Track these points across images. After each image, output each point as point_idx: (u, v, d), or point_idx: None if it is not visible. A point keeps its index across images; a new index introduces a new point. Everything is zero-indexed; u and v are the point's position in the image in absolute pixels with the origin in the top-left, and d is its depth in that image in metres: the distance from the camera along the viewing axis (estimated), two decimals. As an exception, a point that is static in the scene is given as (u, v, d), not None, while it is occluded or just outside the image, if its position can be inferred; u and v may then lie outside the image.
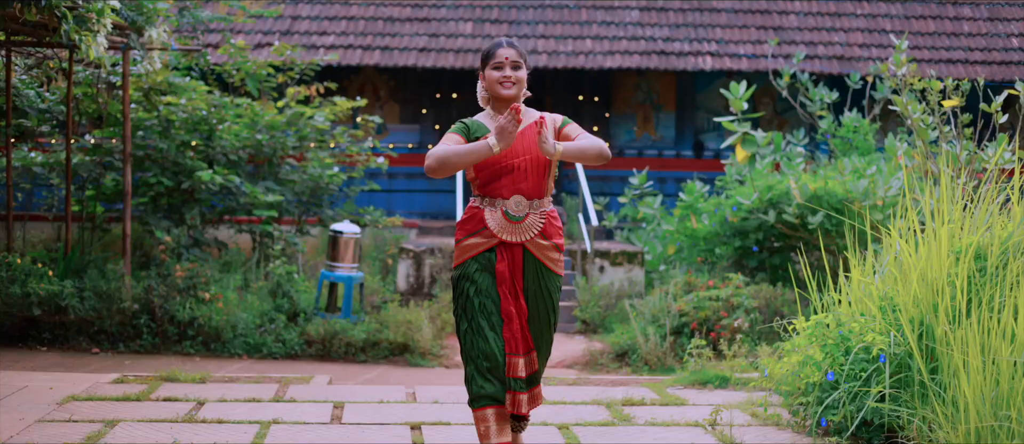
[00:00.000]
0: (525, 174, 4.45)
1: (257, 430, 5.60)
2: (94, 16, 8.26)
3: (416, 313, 10.30)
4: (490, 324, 4.43)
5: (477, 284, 4.45)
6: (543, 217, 4.49)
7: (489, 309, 4.44)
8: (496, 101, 4.53)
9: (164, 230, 10.84)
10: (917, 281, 5.43)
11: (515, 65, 4.47)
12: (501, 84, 4.46)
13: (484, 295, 4.44)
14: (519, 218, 4.44)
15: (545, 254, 4.50)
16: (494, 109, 4.55)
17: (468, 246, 4.49)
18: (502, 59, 4.46)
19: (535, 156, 4.45)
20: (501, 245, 4.46)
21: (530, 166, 4.45)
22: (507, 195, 4.44)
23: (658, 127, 17.29)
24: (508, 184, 4.44)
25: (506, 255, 4.46)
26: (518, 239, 4.45)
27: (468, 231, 4.51)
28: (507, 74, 4.46)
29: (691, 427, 5.88)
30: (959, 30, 16.85)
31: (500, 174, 4.44)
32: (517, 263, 4.47)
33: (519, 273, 4.48)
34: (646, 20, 16.90)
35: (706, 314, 9.70)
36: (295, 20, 16.59)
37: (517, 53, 4.50)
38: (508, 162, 4.42)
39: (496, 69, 4.48)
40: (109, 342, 9.81)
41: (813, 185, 10.23)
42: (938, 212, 5.62)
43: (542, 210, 4.49)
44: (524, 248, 4.47)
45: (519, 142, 4.45)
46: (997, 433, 4.58)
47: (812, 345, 5.75)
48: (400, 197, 16.61)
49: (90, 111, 11.50)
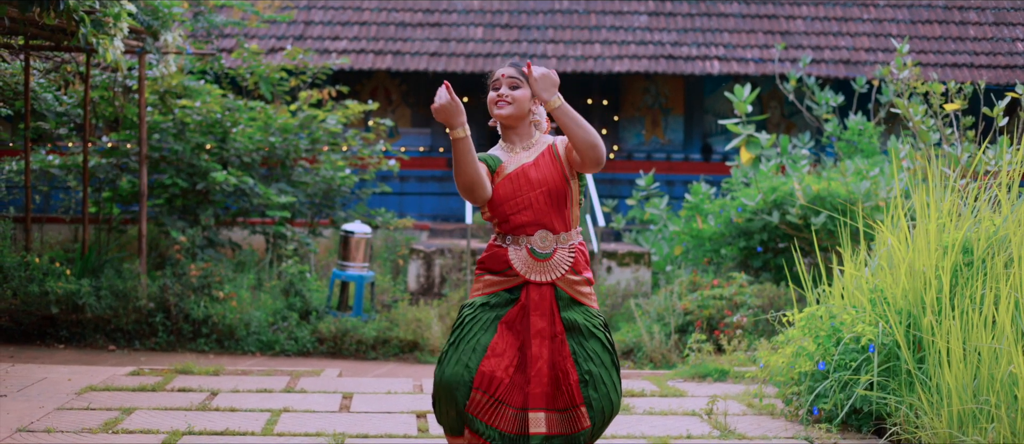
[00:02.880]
0: (546, 207, 4.13)
1: (268, 418, 5.81)
2: (111, 20, 8.49)
3: (425, 312, 10.51)
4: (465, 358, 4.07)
5: (477, 316, 4.14)
6: (572, 252, 4.16)
7: (478, 342, 4.08)
8: (505, 128, 4.23)
9: (179, 231, 11.07)
10: (906, 274, 5.61)
11: (512, 85, 4.15)
12: (496, 103, 4.16)
13: (481, 329, 4.11)
14: (546, 255, 4.13)
15: (577, 289, 4.17)
16: (507, 139, 4.25)
17: (488, 282, 4.19)
18: (498, 77, 4.19)
19: (552, 187, 4.13)
20: (527, 285, 4.13)
21: (549, 197, 4.13)
22: (531, 231, 4.12)
23: (667, 130, 17.47)
24: (531, 220, 4.12)
25: (535, 295, 4.12)
26: (547, 278, 4.13)
27: (490, 269, 4.20)
28: (502, 93, 4.15)
29: (688, 417, 6.07)
30: (965, 34, 17.00)
31: (519, 210, 4.13)
32: (546, 303, 4.12)
33: (549, 314, 4.12)
34: (654, 25, 17.09)
35: (710, 312, 9.87)
36: (308, 25, 16.83)
37: (515, 72, 4.17)
38: (522, 198, 4.12)
39: (493, 89, 4.19)
40: (125, 340, 10.03)
41: (816, 187, 10.39)
42: (927, 209, 5.80)
43: (570, 244, 4.17)
44: (555, 287, 4.14)
45: (533, 173, 4.15)
46: (977, 417, 4.76)
47: (805, 337, 5.94)
48: (411, 200, 16.84)
49: (107, 114, 11.74)
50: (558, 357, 4.09)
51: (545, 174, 4.13)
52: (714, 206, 11.53)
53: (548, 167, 4.15)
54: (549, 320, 4.11)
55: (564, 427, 4.08)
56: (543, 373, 4.08)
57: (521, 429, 4.07)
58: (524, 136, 4.22)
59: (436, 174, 16.95)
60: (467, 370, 4.04)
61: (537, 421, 4.06)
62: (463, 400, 4.03)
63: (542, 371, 4.08)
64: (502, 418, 4.05)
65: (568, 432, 4.07)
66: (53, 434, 5.32)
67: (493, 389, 4.04)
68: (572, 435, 4.08)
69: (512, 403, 4.07)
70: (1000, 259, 5.30)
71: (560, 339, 4.11)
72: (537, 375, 4.07)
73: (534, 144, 4.21)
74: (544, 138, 4.26)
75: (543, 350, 4.09)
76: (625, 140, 17.37)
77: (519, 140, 4.21)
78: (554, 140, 4.23)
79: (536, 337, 4.09)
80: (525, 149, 4.20)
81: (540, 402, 4.07)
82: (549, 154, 4.18)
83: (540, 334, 4.10)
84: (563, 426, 4.08)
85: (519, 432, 4.07)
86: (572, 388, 4.07)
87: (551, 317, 4.12)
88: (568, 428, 4.08)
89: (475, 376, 4.03)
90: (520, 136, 4.21)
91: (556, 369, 4.09)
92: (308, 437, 5.40)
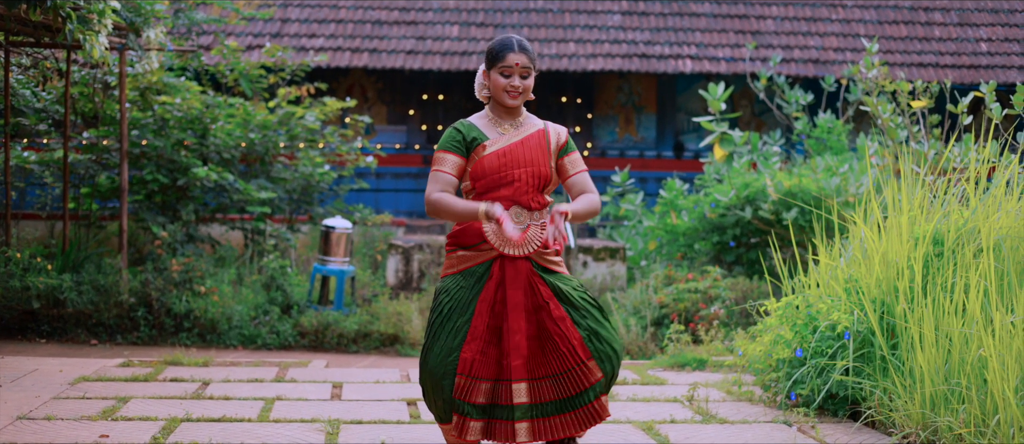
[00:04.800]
0: (525, 187, 4.20)
1: (263, 405, 5.96)
2: (95, 17, 8.58)
3: (406, 305, 10.66)
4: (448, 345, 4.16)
5: (454, 299, 4.21)
6: (543, 229, 4.23)
7: (458, 327, 4.17)
8: (497, 104, 4.29)
9: (160, 226, 11.15)
10: (879, 264, 5.84)
11: (524, 73, 4.19)
12: (507, 92, 4.19)
13: (458, 313, 4.19)
14: (520, 230, 4.20)
15: (548, 259, 4.27)
16: (492, 111, 4.30)
17: (461, 257, 4.27)
18: (511, 64, 4.17)
19: (536, 169, 4.21)
20: (500, 259, 4.21)
21: (530, 179, 4.21)
22: (507, 207, 4.19)
23: (639, 128, 17.70)
24: (507, 196, 4.20)
25: (510, 270, 4.20)
26: (521, 252, 4.21)
27: (462, 243, 4.27)
28: (515, 84, 4.19)
29: (670, 403, 6.27)
30: (930, 35, 17.34)
31: (499, 185, 4.21)
32: (523, 277, 4.20)
33: (527, 286, 4.20)
34: (628, 24, 17.31)
35: (685, 306, 10.08)
36: (285, 22, 16.94)
37: (528, 59, 4.20)
38: (507, 174, 4.19)
39: (504, 75, 4.19)
40: (107, 334, 10.11)
41: (788, 183, 10.64)
42: (900, 203, 6.03)
43: (542, 222, 4.25)
44: (529, 260, 4.23)
45: (519, 152, 4.23)
46: (949, 399, 4.98)
47: (783, 325, 6.15)
48: (387, 196, 16.98)
49: (86, 111, 11.79)
50: (549, 324, 4.17)
51: (533, 156, 4.23)
52: (688, 202, 11.76)
53: (536, 150, 4.25)
54: (527, 293, 4.19)
55: (561, 390, 4.17)
56: (521, 345, 4.14)
57: (494, 398, 4.16)
58: (515, 115, 4.32)
59: (412, 171, 17.09)
60: (450, 359, 4.13)
61: (519, 391, 4.13)
62: (450, 389, 4.12)
63: (520, 343, 4.14)
64: (477, 392, 4.14)
65: (571, 392, 4.16)
66: (53, 421, 5.44)
67: (476, 371, 4.14)
68: (580, 392, 4.17)
69: (485, 376, 4.15)
70: (969, 249, 5.53)
71: (549, 307, 4.18)
72: (516, 348, 4.14)
73: (522, 123, 4.30)
74: (532, 119, 4.36)
75: (520, 323, 4.16)
76: (599, 138, 17.58)
77: (508, 118, 4.31)
78: (546, 126, 4.32)
79: (513, 310, 4.16)
80: (514, 127, 4.29)
81: (521, 373, 4.14)
82: (540, 137, 4.26)
83: (517, 307, 4.16)
84: (559, 390, 4.17)
85: (491, 401, 4.16)
86: (575, 348, 4.16)
87: (529, 290, 4.20)
88: (569, 389, 4.16)
89: (458, 363, 4.12)
90: (512, 116, 4.31)
91: (544, 337, 4.17)
92: (304, 423, 5.55)
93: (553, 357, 4.17)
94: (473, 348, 4.13)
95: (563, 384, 4.17)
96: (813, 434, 5.45)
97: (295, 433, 5.30)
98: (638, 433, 5.47)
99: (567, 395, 4.17)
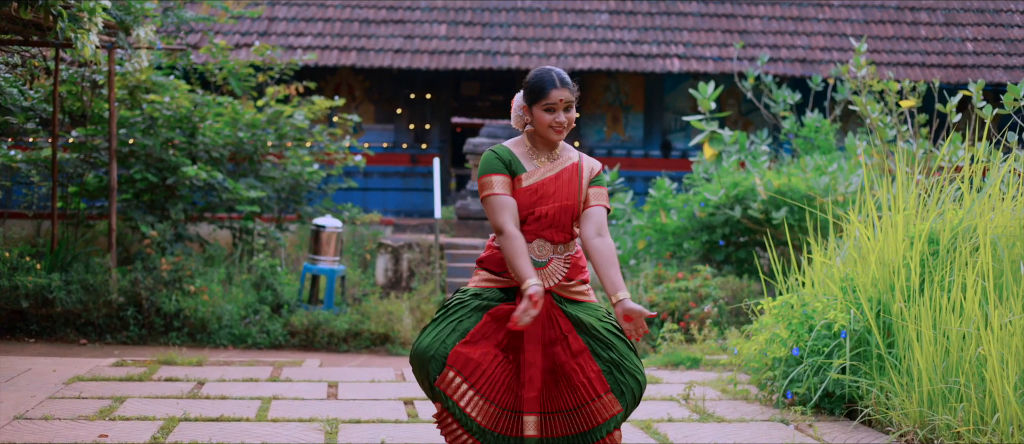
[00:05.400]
0: (551, 221, 4.10)
1: (260, 405, 5.95)
2: (86, 15, 8.55)
3: (397, 305, 10.66)
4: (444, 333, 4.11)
5: (464, 303, 4.16)
6: (567, 262, 4.13)
7: (459, 320, 4.11)
8: (538, 136, 4.16)
9: (149, 225, 11.11)
10: (875, 263, 5.87)
11: (567, 106, 4.09)
12: (553, 128, 4.09)
13: (464, 313, 4.13)
14: (541, 264, 4.10)
15: (572, 291, 4.14)
16: (530, 140, 4.18)
17: (484, 278, 4.20)
18: (555, 102, 4.07)
19: (564, 204, 4.10)
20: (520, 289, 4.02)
21: (558, 214, 4.10)
22: (530, 239, 4.10)
23: (627, 127, 17.73)
24: (532, 230, 4.10)
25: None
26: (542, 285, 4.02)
27: (488, 269, 4.20)
28: (560, 120, 4.09)
29: (667, 401, 6.29)
30: (916, 34, 17.43)
31: (528, 219, 4.10)
32: (542, 309, 4.03)
33: (546, 319, 4.09)
34: (615, 23, 17.34)
35: (676, 304, 10.10)
36: (272, 21, 16.90)
37: (570, 94, 4.10)
38: (536, 210, 4.09)
39: (548, 112, 4.08)
40: (96, 333, 10.08)
41: (777, 182, 10.67)
42: (895, 202, 6.07)
43: (567, 255, 4.15)
44: (552, 293, 4.11)
45: (551, 187, 4.11)
46: (948, 397, 5.01)
47: (778, 324, 6.18)
48: (375, 195, 16.96)
49: (74, 109, 11.73)
50: (564, 357, 4.06)
51: (564, 191, 4.10)
52: (677, 201, 11.78)
53: (568, 185, 4.12)
54: (545, 326, 4.08)
55: (573, 426, 4.07)
56: (536, 378, 4.05)
57: (507, 429, 4.07)
58: (553, 148, 4.19)
59: (399, 170, 17.08)
60: (443, 346, 4.05)
61: (529, 424, 4.05)
62: (435, 373, 4.04)
63: (535, 377, 4.05)
64: (477, 409, 4.04)
65: (583, 428, 4.06)
66: (51, 421, 5.42)
67: (471, 374, 4.03)
68: (594, 428, 4.06)
69: (494, 400, 4.05)
70: (966, 247, 5.56)
71: (567, 341, 4.08)
72: (530, 380, 4.05)
73: (559, 155, 4.18)
74: (569, 150, 4.23)
75: (536, 356, 4.06)
76: (586, 137, 17.60)
77: (547, 151, 4.18)
78: (581, 159, 4.21)
79: (529, 342, 4.06)
80: (550, 161, 4.16)
81: (534, 406, 4.05)
82: (573, 171, 4.14)
83: (534, 339, 4.06)
84: (571, 425, 4.07)
85: (505, 432, 4.07)
86: (592, 380, 4.05)
87: (548, 322, 4.09)
88: (582, 425, 4.06)
89: (450, 354, 4.04)
90: (551, 148, 4.19)
91: (557, 372, 4.07)
92: (302, 422, 5.54)
93: (567, 392, 4.07)
94: (470, 350, 4.04)
95: (576, 419, 4.07)
96: (811, 432, 5.48)
97: (294, 433, 5.29)
98: (637, 432, 5.48)
99: (579, 431, 4.06)
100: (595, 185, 4.17)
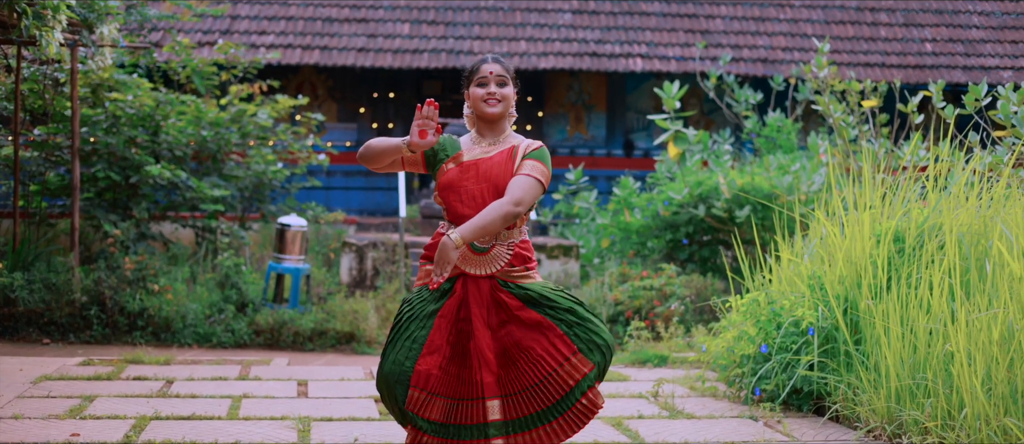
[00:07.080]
0: (483, 202, 4.04)
1: (230, 403, 5.93)
2: (50, 12, 8.48)
3: (362, 304, 10.64)
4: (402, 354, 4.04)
5: (415, 310, 4.10)
6: (511, 249, 4.08)
7: (414, 337, 4.05)
8: (480, 121, 4.18)
9: (112, 224, 11.03)
10: (842, 261, 5.95)
11: (500, 81, 4.14)
12: (486, 101, 4.11)
13: (417, 324, 4.06)
14: (484, 249, 4.05)
15: (515, 278, 4.09)
16: (478, 131, 4.19)
17: (428, 271, 4.14)
18: (486, 74, 4.14)
19: (499, 186, 4.04)
20: (463, 277, 4.07)
21: (494, 195, 4.03)
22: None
23: (590, 126, 17.80)
24: (473, 212, 4.02)
25: (473, 288, 4.06)
26: (484, 272, 4.06)
27: (431, 258, 4.12)
28: (492, 91, 4.12)
29: (636, 399, 6.34)
30: (876, 35, 17.63)
31: (463, 200, 4.07)
32: (485, 295, 4.06)
33: (491, 304, 4.07)
34: (578, 22, 17.40)
35: (640, 303, 10.17)
36: (235, 19, 16.80)
37: (503, 68, 4.18)
38: (468, 189, 4.07)
39: (480, 85, 4.14)
40: (59, 333, 9.99)
41: (740, 181, 10.77)
42: (860, 200, 6.15)
43: (511, 242, 4.08)
44: (494, 278, 4.07)
45: (484, 167, 4.09)
46: (915, 393, 5.09)
47: (746, 321, 6.25)
48: (338, 194, 16.92)
49: (36, 107, 11.62)
50: (520, 333, 4.01)
51: (496, 172, 4.06)
52: (641, 200, 11.86)
53: (502, 166, 4.08)
54: (491, 310, 4.06)
55: (541, 400, 3.99)
56: (491, 362, 4.02)
57: (458, 418, 4.02)
58: (497, 132, 4.16)
59: (363, 169, 17.03)
60: (404, 368, 3.99)
61: (493, 408, 4.00)
62: (402, 398, 3.99)
63: (490, 360, 4.02)
64: (433, 409, 3.99)
65: (554, 399, 3.99)
66: (21, 420, 5.38)
67: (429, 385, 4.00)
68: (566, 395, 3.99)
69: (444, 393, 4.02)
70: (931, 245, 5.65)
71: (519, 317, 4.03)
72: (487, 364, 4.01)
73: (502, 141, 4.15)
74: (514, 136, 4.20)
75: (488, 340, 4.03)
76: (549, 136, 17.65)
77: (490, 135, 4.16)
78: (521, 143, 4.16)
79: (479, 328, 4.03)
80: (491, 144, 4.14)
81: (494, 390, 4.01)
82: (508, 155, 4.10)
83: (483, 324, 4.04)
84: (539, 400, 4.00)
85: (466, 421, 4.01)
86: (556, 345, 4.00)
87: (494, 307, 4.06)
88: (551, 396, 3.99)
89: (412, 375, 3.99)
90: (493, 132, 4.16)
91: (514, 351, 4.02)
92: (274, 420, 5.54)
93: (528, 367, 4.01)
94: (429, 362, 4.00)
95: (543, 393, 4.01)
96: (780, 428, 5.55)
97: (267, 431, 5.29)
98: (608, 429, 5.53)
99: (550, 403, 4.01)
100: (529, 159, 4.10)
